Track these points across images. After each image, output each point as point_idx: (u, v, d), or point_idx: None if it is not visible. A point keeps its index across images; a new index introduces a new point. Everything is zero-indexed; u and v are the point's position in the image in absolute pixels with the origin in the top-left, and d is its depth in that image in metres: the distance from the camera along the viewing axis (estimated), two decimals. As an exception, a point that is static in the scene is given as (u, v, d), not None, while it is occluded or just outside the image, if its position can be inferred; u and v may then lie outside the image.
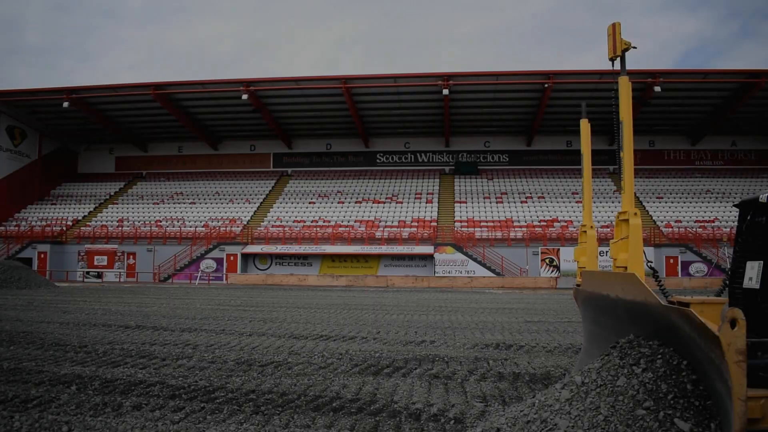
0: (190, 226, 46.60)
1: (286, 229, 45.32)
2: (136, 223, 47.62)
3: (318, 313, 17.75)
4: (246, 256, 43.03)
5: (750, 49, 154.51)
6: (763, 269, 4.62)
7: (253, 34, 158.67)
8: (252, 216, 48.44)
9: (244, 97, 44.11)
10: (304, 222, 46.75)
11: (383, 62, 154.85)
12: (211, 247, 43.11)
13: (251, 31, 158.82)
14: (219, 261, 42.53)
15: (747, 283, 4.81)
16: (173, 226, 46.61)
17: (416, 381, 7.77)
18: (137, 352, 9.89)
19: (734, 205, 5.44)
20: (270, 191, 52.64)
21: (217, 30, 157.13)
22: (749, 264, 4.84)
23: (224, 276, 41.89)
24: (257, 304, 21.36)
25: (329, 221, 46.63)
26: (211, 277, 42.07)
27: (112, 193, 54.25)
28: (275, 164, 56.00)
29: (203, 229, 46.08)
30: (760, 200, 4.72)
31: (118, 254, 43.40)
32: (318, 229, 45.23)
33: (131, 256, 43.73)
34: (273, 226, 46.04)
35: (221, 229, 45.86)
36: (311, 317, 16.54)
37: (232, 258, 42.34)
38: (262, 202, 50.73)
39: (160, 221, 47.71)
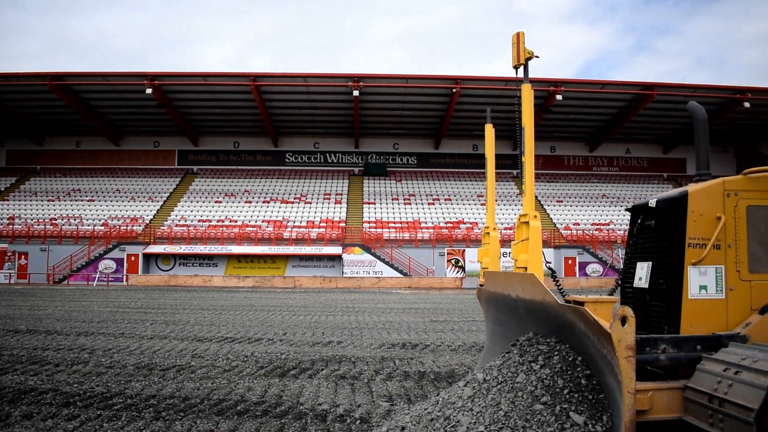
0: (88, 225, 44.54)
1: (191, 228, 44.13)
2: (29, 221, 45.01)
3: (223, 315, 17.41)
4: (148, 257, 41.56)
5: (644, 63, 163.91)
6: (652, 269, 4.89)
7: (161, 28, 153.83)
8: (155, 215, 46.86)
9: (148, 91, 42.59)
10: (210, 221, 45.68)
11: (294, 62, 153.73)
12: (110, 246, 41.33)
13: (159, 24, 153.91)
14: (119, 261, 40.85)
15: (637, 283, 5.08)
16: (70, 225, 44.40)
17: (323, 382, 7.75)
18: (28, 358, 9.37)
19: (626, 209, 5.73)
20: (174, 189, 51.10)
21: (123, 22, 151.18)
22: (639, 264, 5.11)
23: (124, 277, 40.28)
24: (159, 306, 20.71)
25: (236, 221, 45.78)
26: (110, 279, 40.35)
27: (3, 189, 51.01)
28: (180, 161, 54.39)
29: (102, 228, 44.15)
30: (649, 205, 4.99)
31: (9, 254, 40.87)
32: (224, 228, 44.31)
33: (23, 256, 41.28)
34: (177, 226, 44.71)
35: (122, 228, 44.09)
36: (216, 319, 16.19)
37: (133, 258, 40.78)
38: (165, 201, 49.16)
39: (56, 219, 45.33)
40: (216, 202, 48.85)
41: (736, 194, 4.59)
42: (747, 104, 43.62)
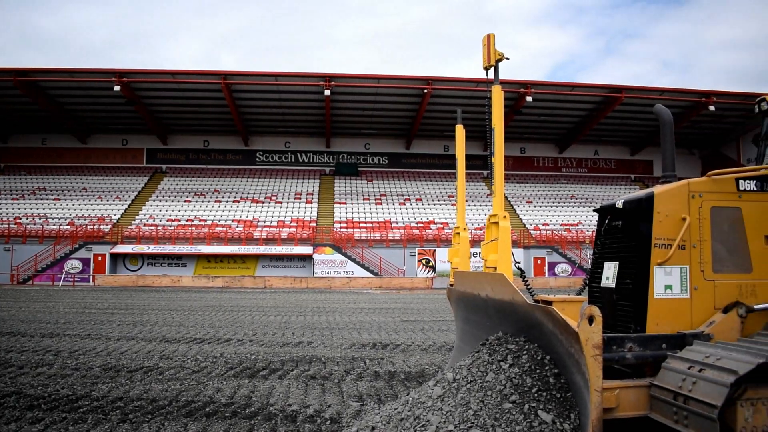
0: (54, 224, 43.74)
1: (160, 228, 43.62)
2: (-8, 220, 44.11)
3: (192, 316, 17.23)
4: (115, 257, 40.98)
5: (613, 66, 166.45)
6: (619, 269, 4.96)
7: (131, 24, 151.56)
8: (122, 214, 46.21)
9: (117, 88, 41.96)
10: (179, 221, 45.20)
11: (265, 61, 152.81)
12: (76, 246, 40.67)
13: (128, 20, 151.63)
14: (85, 261, 40.20)
15: (604, 282, 5.14)
16: (35, 224, 43.55)
17: (293, 382, 7.71)
18: (-10, 359, 9.17)
19: (594, 210, 5.80)
20: (143, 188, 50.45)
21: (91, 17, 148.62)
22: (606, 264, 5.18)
23: (91, 277, 39.65)
24: (126, 307, 20.43)
25: (205, 220, 45.38)
26: (76, 279, 39.72)
27: (-35, 188, 49.95)
28: (149, 160, 53.70)
29: (68, 227, 43.40)
30: (616, 206, 5.06)
31: (-29, 253, 40.00)
32: (193, 228, 43.88)
33: (-14, 256, 40.44)
34: (145, 225, 44.17)
35: (88, 227, 43.41)
36: (184, 320, 16.02)
37: (100, 258, 40.16)
38: (133, 200, 48.51)
39: (20, 218, 44.43)
40: (185, 201, 48.36)
41: (700, 195, 4.68)
42: (712, 108, 44.58)
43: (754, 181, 4.83)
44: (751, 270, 4.70)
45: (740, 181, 4.80)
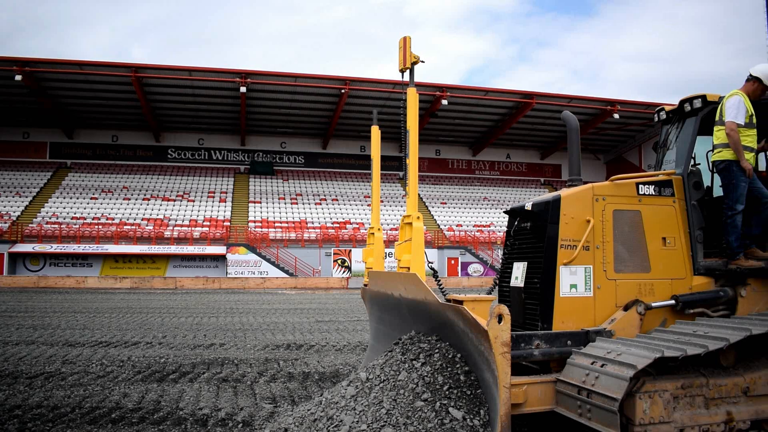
0: (-55, 222, 41.06)
1: (64, 226, 41.66)
2: None
3: (98, 318, 16.57)
4: (14, 256, 38.86)
5: (525, 72, 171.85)
6: (527, 269, 5.12)
7: (35, 10, 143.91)
8: (23, 211, 43.81)
9: (18, 77, 39.71)
10: (85, 219, 43.33)
11: (179, 55, 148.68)
12: (-30, 245, 38.35)
13: (32, 5, 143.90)
14: (-20, 261, 37.95)
15: (514, 282, 5.30)
16: (-77, 221, 40.76)
17: (204, 386, 7.54)
18: None
19: (505, 212, 5.96)
20: (45, 184, 47.99)
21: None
22: (516, 264, 5.34)
23: (-13, 278, 37.48)
24: (26, 310, 19.43)
25: (113, 219, 43.70)
26: (-30, 279, 37.43)
27: None
28: (52, 155, 51.12)
29: (-38, 224, 40.86)
30: (525, 208, 5.22)
31: None
32: (100, 227, 42.17)
33: None
34: (48, 223, 42.07)
35: (-16, 225, 41.00)
36: (90, 322, 15.39)
37: (-3, 258, 38.02)
38: (35, 196, 46.07)
39: None
40: (91, 198, 46.40)
41: (603, 199, 4.90)
42: (616, 115, 46.75)
43: (653, 186, 5.11)
44: (649, 270, 4.97)
45: (640, 186, 5.07)
